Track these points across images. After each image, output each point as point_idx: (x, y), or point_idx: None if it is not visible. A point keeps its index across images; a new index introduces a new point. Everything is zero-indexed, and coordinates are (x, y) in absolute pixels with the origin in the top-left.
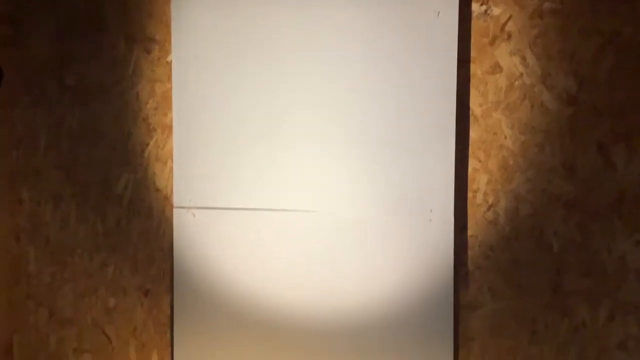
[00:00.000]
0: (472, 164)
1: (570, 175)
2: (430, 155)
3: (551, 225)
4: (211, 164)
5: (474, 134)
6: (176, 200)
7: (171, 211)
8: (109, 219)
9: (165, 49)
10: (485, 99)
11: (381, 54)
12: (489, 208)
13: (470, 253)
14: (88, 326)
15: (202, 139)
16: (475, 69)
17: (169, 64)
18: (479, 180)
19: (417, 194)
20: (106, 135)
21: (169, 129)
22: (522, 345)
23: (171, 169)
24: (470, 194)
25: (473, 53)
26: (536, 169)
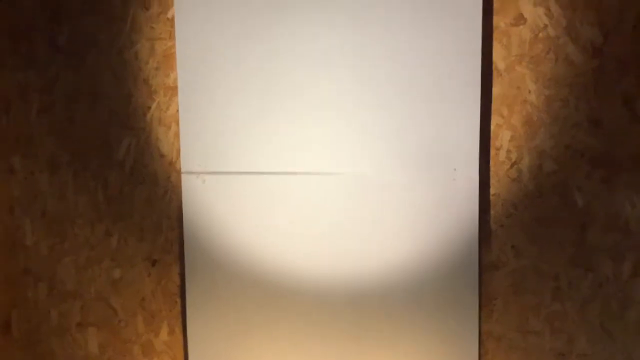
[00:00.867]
0: (495, 120)
1: (595, 129)
2: (454, 112)
3: (575, 181)
4: (220, 126)
5: (496, 88)
6: (184, 165)
7: (178, 177)
8: (110, 186)
9: (166, 3)
10: (508, 52)
11: (403, 6)
12: (512, 165)
13: (492, 212)
14: (92, 299)
15: (210, 100)
16: (498, 21)
17: (170, 20)
18: (502, 137)
19: (441, 152)
20: (104, 98)
21: (172, 90)
22: (546, 303)
23: (176, 133)
24: (492, 152)
25: (496, 4)
26: (560, 124)
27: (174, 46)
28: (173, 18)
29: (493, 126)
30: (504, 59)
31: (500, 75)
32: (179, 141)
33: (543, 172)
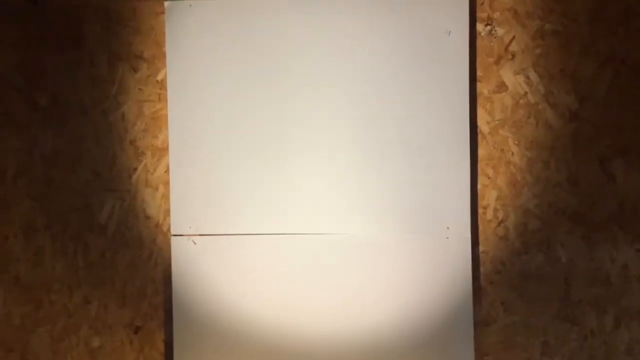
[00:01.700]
0: (482, 180)
1: (574, 189)
2: (445, 173)
3: (558, 238)
4: (211, 188)
5: (482, 151)
6: (174, 227)
7: (164, 240)
8: (91, 250)
9: (155, 66)
10: (492, 117)
11: (392, 72)
12: (499, 224)
13: (482, 269)
14: None
15: (200, 162)
16: (482, 88)
17: (160, 83)
18: (488, 197)
19: (434, 212)
20: (87, 159)
21: (160, 152)
22: (535, 358)
23: (164, 194)
24: (480, 210)
25: (479, 72)
26: (542, 184)
27: (163, 108)
28: (162, 80)
29: (480, 186)
30: (488, 123)
31: (485, 138)
32: (167, 203)
33: (528, 230)
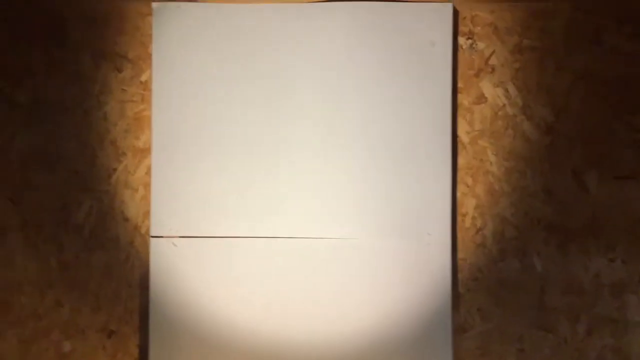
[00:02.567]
0: (461, 189)
1: (549, 199)
2: (427, 180)
3: (534, 247)
4: (193, 190)
5: (461, 160)
6: (154, 229)
7: (142, 242)
8: (65, 252)
9: (139, 67)
10: (472, 127)
11: (378, 81)
12: (477, 231)
13: (460, 276)
14: None
15: (183, 163)
16: (462, 99)
17: (143, 84)
18: (467, 205)
19: (416, 218)
20: (65, 159)
21: (141, 152)
22: None
23: (143, 196)
24: (459, 218)
25: (460, 84)
26: (519, 194)
27: (146, 109)
28: (146, 81)
29: (459, 194)
30: (468, 134)
31: (465, 148)
32: (146, 205)
33: (505, 238)
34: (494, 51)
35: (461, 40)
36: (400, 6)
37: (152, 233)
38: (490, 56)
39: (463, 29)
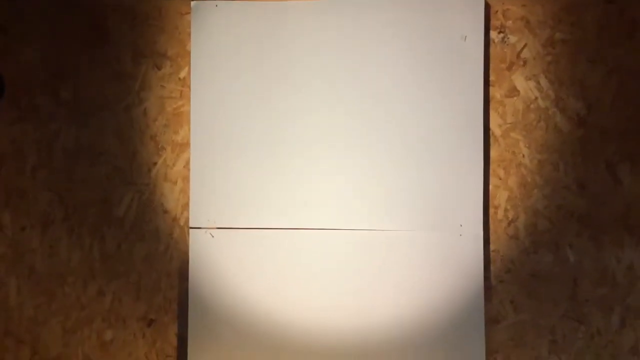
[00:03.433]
0: (493, 181)
1: (582, 191)
2: (460, 173)
3: (566, 239)
4: (230, 182)
5: (494, 152)
6: (192, 220)
7: (181, 233)
8: (107, 243)
9: (178, 64)
10: (504, 120)
11: (411, 74)
12: (510, 223)
13: (492, 267)
14: None
15: (220, 157)
16: (494, 92)
17: (182, 80)
18: (499, 197)
19: (448, 210)
20: (107, 154)
21: (180, 147)
22: (543, 355)
23: (182, 189)
24: (491, 210)
25: (492, 77)
26: (552, 186)
27: (184, 105)
28: (184, 78)
29: (491, 187)
30: (500, 126)
31: (497, 140)
32: (185, 197)
33: (538, 230)
34: (525, 44)
35: (493, 34)
36: (432, 1)
37: (191, 224)
38: (522, 49)
39: (495, 22)
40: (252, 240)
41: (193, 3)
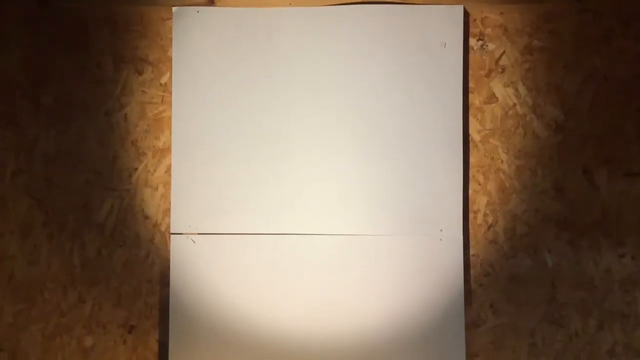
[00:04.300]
0: (473, 186)
1: (560, 196)
2: (439, 178)
3: (545, 243)
4: (212, 188)
5: (473, 158)
6: (173, 226)
7: (162, 239)
8: (88, 249)
9: (160, 70)
10: (483, 126)
11: (392, 80)
12: (489, 228)
13: (472, 271)
14: None
15: (202, 162)
16: (474, 99)
17: (163, 86)
18: (479, 202)
19: (428, 214)
20: (88, 159)
21: (161, 152)
22: (523, 358)
23: (163, 194)
24: (471, 215)
25: (471, 84)
26: (530, 191)
27: (165, 110)
28: (166, 83)
29: (471, 192)
30: (479, 132)
31: (476, 146)
32: (166, 203)
33: (516, 234)
34: (504, 52)
35: (472, 41)
36: (411, 8)
37: (172, 230)
38: (500, 57)
39: (474, 30)
40: (234, 246)
41: (174, 9)
